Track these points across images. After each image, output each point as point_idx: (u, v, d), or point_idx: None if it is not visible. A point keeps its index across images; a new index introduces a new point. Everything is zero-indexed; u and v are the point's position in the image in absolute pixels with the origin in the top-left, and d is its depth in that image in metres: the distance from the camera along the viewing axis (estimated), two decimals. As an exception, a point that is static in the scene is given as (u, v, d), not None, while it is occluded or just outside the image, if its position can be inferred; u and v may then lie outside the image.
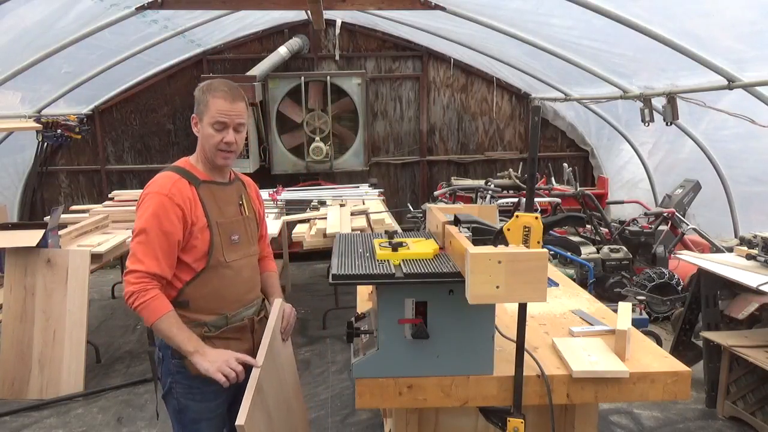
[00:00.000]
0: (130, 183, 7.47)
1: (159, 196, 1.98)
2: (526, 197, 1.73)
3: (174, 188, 2.00)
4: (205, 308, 2.07)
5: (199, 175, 2.10)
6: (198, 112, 2.08)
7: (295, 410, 2.39)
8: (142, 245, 1.95)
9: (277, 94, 7.02)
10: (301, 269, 7.11)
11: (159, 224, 1.95)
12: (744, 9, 3.40)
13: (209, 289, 2.06)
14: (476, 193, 6.36)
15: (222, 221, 2.08)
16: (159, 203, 1.97)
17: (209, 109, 2.03)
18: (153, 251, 1.94)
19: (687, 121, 5.11)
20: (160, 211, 1.96)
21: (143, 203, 2.01)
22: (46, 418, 3.76)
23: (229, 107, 2.03)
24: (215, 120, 2.03)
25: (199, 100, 2.07)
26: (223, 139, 2.04)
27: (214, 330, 2.07)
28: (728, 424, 3.56)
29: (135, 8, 4.81)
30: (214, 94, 2.04)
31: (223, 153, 2.07)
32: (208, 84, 2.10)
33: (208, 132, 2.04)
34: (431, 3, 5.05)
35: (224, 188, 2.15)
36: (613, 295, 5.08)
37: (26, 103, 5.78)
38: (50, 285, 4.09)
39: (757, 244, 3.56)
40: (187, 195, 2.02)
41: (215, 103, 2.03)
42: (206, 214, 2.04)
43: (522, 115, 7.85)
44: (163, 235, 1.95)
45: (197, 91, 2.10)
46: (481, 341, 1.84)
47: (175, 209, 1.97)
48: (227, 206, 2.13)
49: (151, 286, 1.93)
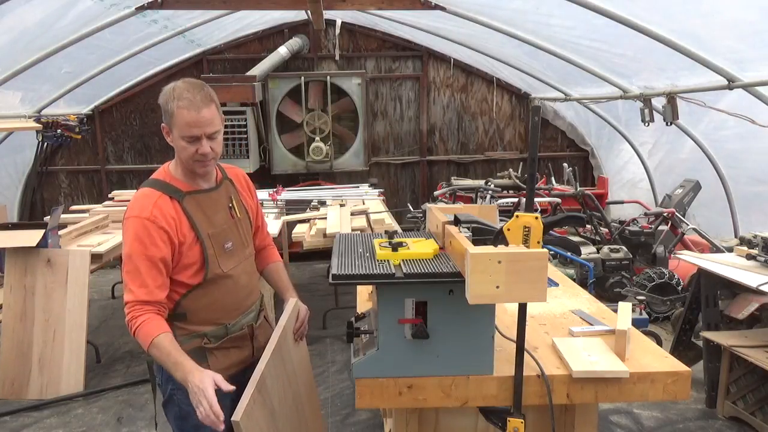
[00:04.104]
0: (130, 183, 7.47)
1: (140, 220, 1.89)
2: (526, 197, 1.73)
3: (155, 210, 1.91)
4: (204, 319, 2.03)
5: (182, 187, 1.99)
6: (166, 121, 1.93)
7: (306, 412, 2.36)
8: (130, 274, 1.89)
9: (277, 94, 7.02)
10: (301, 269, 7.10)
11: (144, 250, 1.88)
12: (744, 9, 3.39)
13: (207, 300, 2.01)
14: (476, 193, 6.35)
15: (213, 232, 2.01)
16: (141, 227, 1.89)
17: (177, 122, 1.89)
18: (140, 279, 1.88)
19: (687, 121, 5.11)
20: (144, 236, 1.88)
21: (125, 229, 1.93)
22: (46, 418, 3.76)
23: (195, 118, 1.87)
24: (185, 134, 1.89)
25: (165, 109, 1.91)
26: (198, 151, 1.92)
27: (214, 341, 2.05)
28: (728, 424, 3.56)
29: (135, 8, 4.81)
30: (178, 104, 1.87)
31: (201, 163, 1.96)
32: (171, 90, 1.92)
33: (181, 145, 1.92)
34: (431, 3, 5.05)
35: (211, 195, 2.05)
36: (613, 295, 5.08)
37: (26, 103, 5.78)
38: (50, 285, 4.09)
39: (757, 244, 3.56)
40: (171, 214, 1.93)
41: (180, 115, 1.87)
42: (195, 229, 1.97)
43: (522, 115, 7.85)
44: (149, 260, 1.88)
45: (161, 98, 1.93)
46: (481, 341, 1.84)
47: (159, 233, 1.89)
48: (216, 214, 2.04)
49: (140, 312, 1.87)
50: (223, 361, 2.07)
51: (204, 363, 2.01)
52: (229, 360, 2.09)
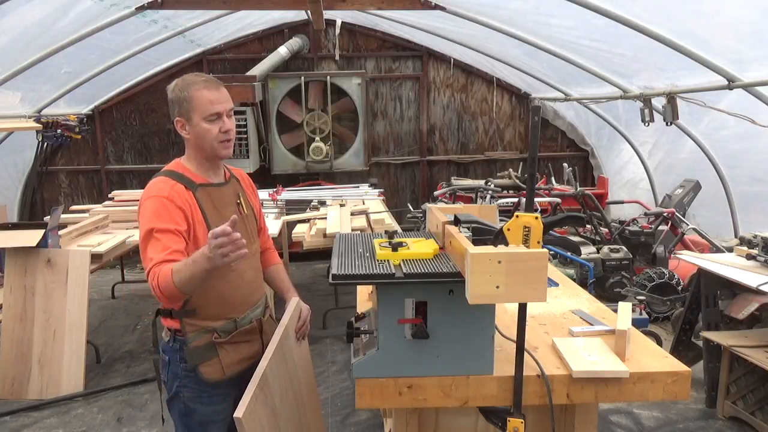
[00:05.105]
0: (130, 183, 7.47)
1: (158, 198, 1.92)
2: (526, 197, 1.73)
3: (173, 191, 1.95)
4: (213, 314, 2.04)
5: (195, 179, 2.03)
6: (182, 112, 1.99)
7: (307, 411, 2.36)
8: (150, 246, 1.88)
9: (277, 94, 7.02)
10: (301, 269, 7.10)
11: (163, 222, 1.89)
12: (744, 9, 3.39)
13: (215, 295, 2.02)
14: (476, 193, 6.36)
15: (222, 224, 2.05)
16: (160, 204, 1.91)
17: (197, 105, 1.96)
18: (160, 245, 1.87)
19: (687, 121, 5.11)
20: (163, 211, 1.90)
21: (143, 209, 1.94)
22: (46, 418, 3.76)
23: (216, 95, 1.97)
24: (208, 112, 1.96)
25: (180, 99, 1.98)
26: (221, 129, 1.99)
27: (224, 335, 2.06)
28: (728, 424, 3.56)
29: (135, 8, 4.81)
30: (196, 88, 1.96)
31: (225, 143, 2.02)
32: (181, 81, 2.00)
33: (204, 127, 1.98)
34: (431, 3, 5.05)
35: (221, 189, 2.10)
36: (613, 295, 5.08)
37: (26, 103, 5.78)
38: (50, 285, 4.09)
39: (757, 244, 3.56)
40: (186, 198, 1.97)
41: (201, 96, 1.95)
42: (206, 219, 1.99)
43: (522, 115, 7.85)
44: (168, 231, 1.89)
45: (172, 92, 2.00)
46: (481, 341, 1.84)
47: (177, 211, 1.92)
48: (226, 208, 2.08)
49: (158, 269, 1.83)
50: (234, 355, 2.08)
51: (215, 358, 2.04)
52: (239, 354, 2.10)
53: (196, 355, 2.02)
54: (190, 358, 2.01)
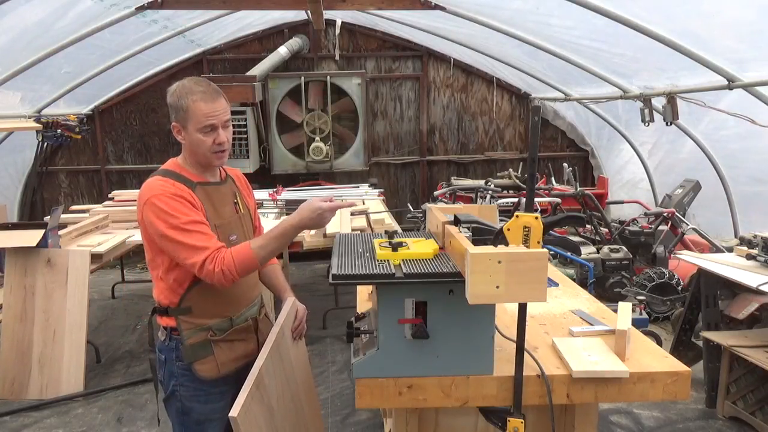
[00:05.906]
0: (130, 183, 7.47)
1: (164, 195, 1.91)
2: (526, 197, 1.73)
3: (175, 188, 1.95)
4: (209, 312, 2.05)
5: (192, 177, 2.03)
6: (179, 119, 1.97)
7: (305, 410, 2.36)
8: (181, 244, 1.87)
9: (277, 94, 7.02)
10: (301, 269, 7.10)
11: (186, 215, 1.89)
12: (744, 9, 3.40)
13: (212, 293, 2.02)
14: (476, 193, 6.36)
15: (220, 223, 2.04)
16: (169, 200, 1.90)
17: (193, 116, 1.94)
18: (196, 236, 1.88)
19: (687, 121, 5.11)
20: (179, 206, 1.90)
21: (149, 211, 1.91)
22: (46, 418, 3.76)
23: (212, 108, 1.94)
24: (203, 125, 1.94)
25: (177, 106, 1.96)
26: (215, 141, 1.97)
27: (219, 333, 2.07)
28: (728, 424, 3.56)
29: (135, 8, 4.81)
30: (193, 99, 1.93)
31: (218, 154, 2.01)
32: (180, 88, 1.97)
33: (198, 138, 1.96)
34: (431, 3, 5.05)
35: (218, 188, 2.10)
36: (613, 295, 5.08)
37: (26, 103, 5.78)
38: (50, 285, 4.09)
39: (757, 244, 3.56)
40: (189, 194, 1.98)
41: (197, 108, 1.93)
42: (206, 218, 2.00)
43: (522, 115, 7.85)
44: (192, 222, 1.89)
45: (171, 97, 1.98)
46: (481, 341, 1.84)
47: (186, 204, 1.93)
48: (223, 207, 2.09)
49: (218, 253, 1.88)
50: (229, 353, 2.09)
51: (210, 355, 2.05)
52: (234, 353, 2.11)
53: (191, 353, 2.03)
54: (186, 355, 2.02)
